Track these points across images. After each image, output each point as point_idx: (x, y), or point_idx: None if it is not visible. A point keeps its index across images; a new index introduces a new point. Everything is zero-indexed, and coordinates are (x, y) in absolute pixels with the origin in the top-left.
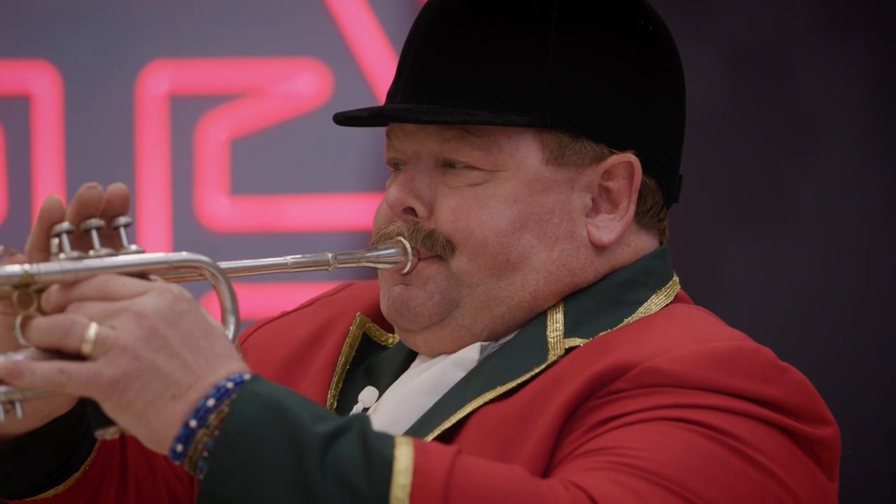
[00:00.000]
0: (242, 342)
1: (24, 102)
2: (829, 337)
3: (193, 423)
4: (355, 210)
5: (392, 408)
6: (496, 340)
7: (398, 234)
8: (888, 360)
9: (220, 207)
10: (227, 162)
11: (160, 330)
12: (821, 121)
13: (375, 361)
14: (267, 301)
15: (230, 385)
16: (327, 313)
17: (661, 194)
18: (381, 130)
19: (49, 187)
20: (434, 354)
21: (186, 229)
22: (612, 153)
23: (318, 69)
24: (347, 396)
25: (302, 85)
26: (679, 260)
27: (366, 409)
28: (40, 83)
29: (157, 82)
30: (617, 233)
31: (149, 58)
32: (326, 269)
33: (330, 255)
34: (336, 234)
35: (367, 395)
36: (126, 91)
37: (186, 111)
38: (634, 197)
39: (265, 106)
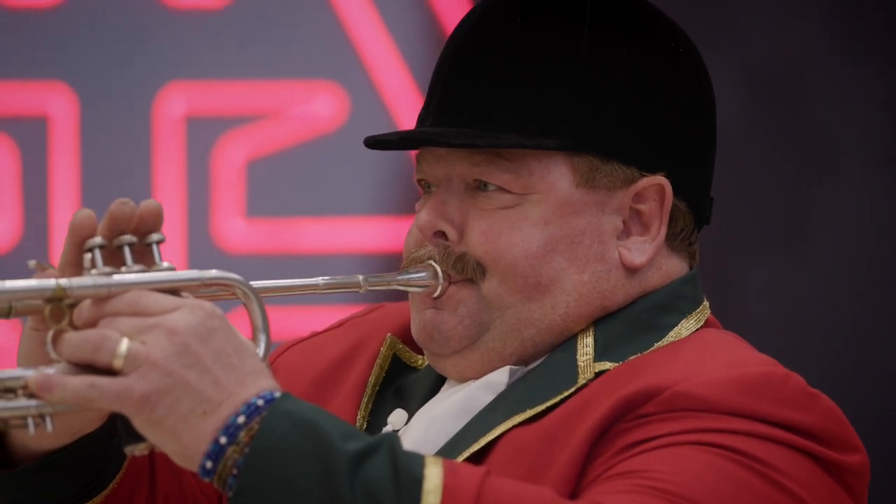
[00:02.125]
0: (272, 362)
1: (41, 123)
2: (853, 358)
3: (223, 440)
4: (372, 233)
5: (421, 431)
6: (525, 365)
7: (429, 258)
8: None
9: (237, 229)
10: (243, 184)
11: (192, 346)
12: (840, 142)
13: (405, 383)
14: (292, 323)
15: (261, 402)
16: (357, 334)
17: (692, 216)
18: (400, 154)
19: (65, 209)
20: (463, 379)
21: (202, 251)
22: (643, 175)
23: (336, 92)
24: (377, 418)
25: (319, 107)
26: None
27: (395, 432)
28: (57, 104)
29: (174, 104)
30: (648, 255)
31: (166, 79)
32: (357, 291)
33: (361, 278)
34: (352, 257)
35: (396, 417)
36: (143, 112)
37: (203, 133)
38: (665, 219)
39: (282, 128)
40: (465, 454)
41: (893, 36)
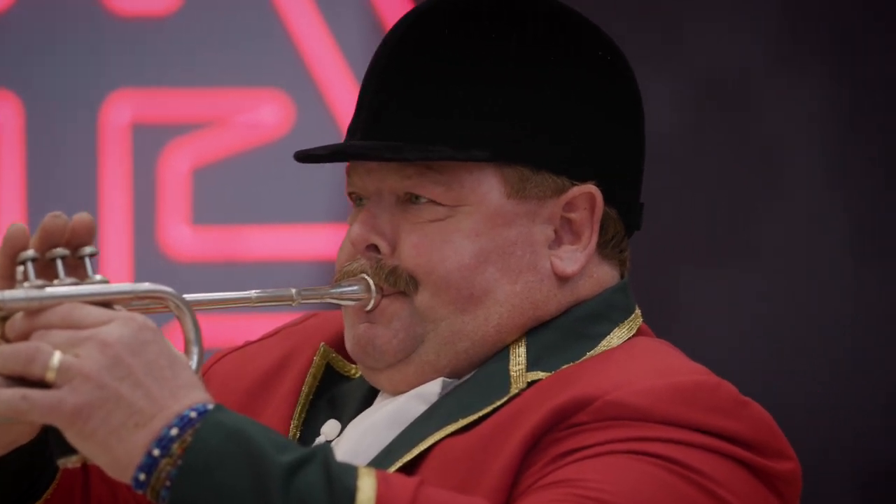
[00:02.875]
0: (206, 371)
1: None
2: (790, 370)
3: (156, 452)
4: (319, 240)
5: (353, 441)
6: (459, 377)
7: (361, 272)
8: (850, 391)
9: (183, 237)
10: (189, 191)
11: (124, 359)
12: (783, 155)
13: (339, 393)
14: (229, 332)
15: (193, 415)
16: (291, 343)
17: (623, 223)
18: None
19: (11, 216)
20: (397, 393)
21: (149, 258)
22: (574, 185)
23: (281, 100)
24: (310, 427)
25: (265, 115)
26: (642, 292)
27: (328, 442)
28: (2, 112)
29: (120, 111)
30: (580, 263)
31: (112, 87)
32: (290, 305)
33: (294, 291)
34: (299, 265)
35: (330, 427)
36: (89, 120)
37: (149, 140)
38: (596, 227)
39: (228, 136)
40: (398, 464)
41: (836, 47)
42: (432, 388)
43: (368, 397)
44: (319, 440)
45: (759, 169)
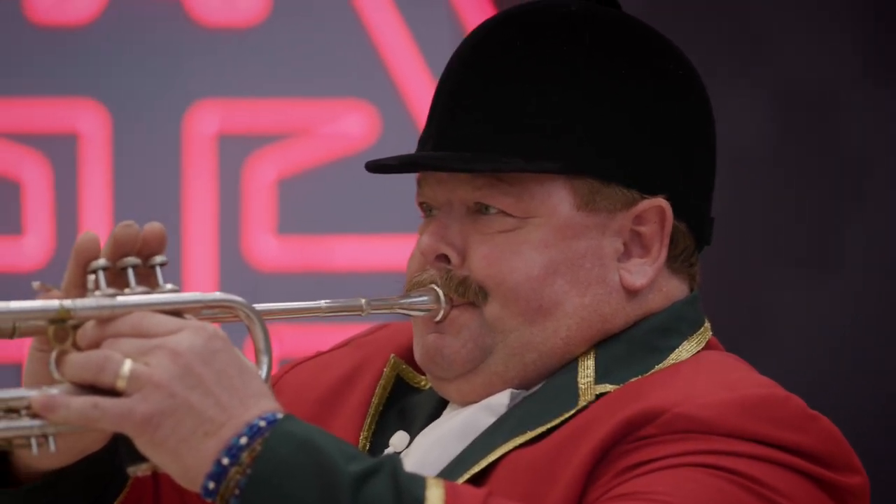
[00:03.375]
0: (276, 382)
1: (72, 140)
2: (873, 379)
3: (226, 461)
4: (403, 251)
5: (422, 453)
6: (527, 388)
7: (431, 282)
8: None
9: (268, 247)
10: (274, 201)
11: (194, 368)
12: (870, 165)
13: (409, 404)
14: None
15: (263, 424)
16: (361, 354)
17: (693, 237)
18: None
19: (96, 226)
20: (466, 403)
21: (233, 268)
22: (644, 198)
23: (366, 110)
24: (380, 439)
25: (349, 125)
26: (726, 302)
27: (397, 454)
28: (88, 121)
29: (206, 121)
30: (649, 277)
31: (197, 97)
32: (359, 315)
33: (363, 301)
34: (383, 275)
35: (398, 439)
36: (174, 130)
37: (234, 150)
38: (666, 241)
39: (313, 146)
40: (466, 476)
41: None
42: (501, 400)
43: (438, 409)
44: (388, 452)
45: (843, 179)
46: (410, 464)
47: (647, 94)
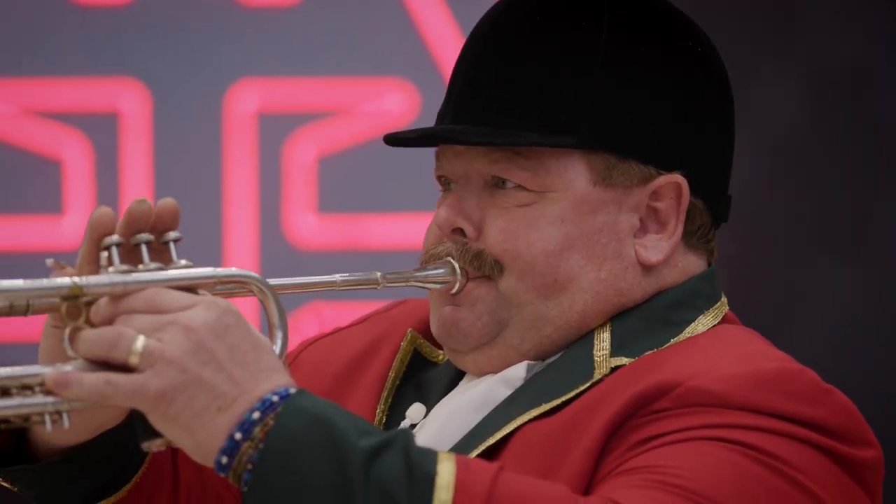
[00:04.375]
0: (294, 358)
1: (113, 119)
2: None
3: (238, 436)
4: None
5: (438, 424)
6: (543, 360)
7: (447, 255)
8: None
9: (308, 225)
10: (314, 180)
11: (207, 343)
12: None
13: (425, 378)
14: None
15: (276, 398)
16: (380, 329)
17: (710, 215)
18: None
19: None
20: (482, 374)
21: (273, 247)
22: (660, 174)
23: (406, 88)
24: (397, 412)
25: (390, 104)
26: (765, 284)
27: (413, 426)
28: (129, 100)
29: (246, 100)
30: (665, 253)
31: (237, 76)
32: (375, 288)
33: (379, 275)
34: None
35: (415, 411)
36: (214, 109)
37: (274, 129)
38: (682, 217)
39: (353, 125)
40: (481, 448)
41: None
42: (517, 373)
43: (454, 382)
44: (404, 424)
45: (878, 158)
46: (427, 435)
47: (666, 70)
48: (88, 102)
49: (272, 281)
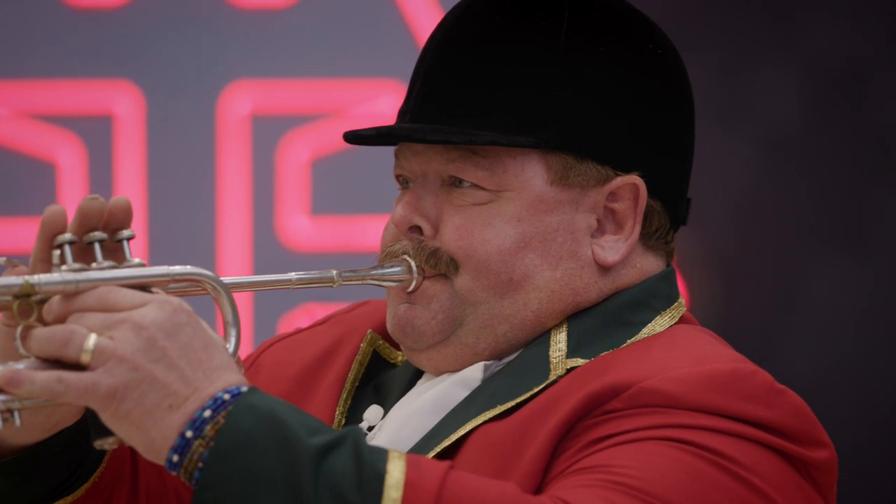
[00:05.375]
0: (256, 358)
1: (107, 122)
2: None
3: (189, 434)
4: None
5: (395, 426)
6: (500, 359)
7: (404, 253)
8: None
9: (301, 227)
10: (308, 182)
11: (158, 341)
12: None
13: (384, 379)
14: None
15: (227, 397)
16: (340, 330)
17: (668, 217)
18: None
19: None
20: (438, 373)
21: (267, 249)
22: (618, 175)
23: (400, 90)
24: (356, 413)
25: (383, 106)
26: (762, 280)
27: (371, 428)
28: (123, 102)
29: (239, 102)
30: (622, 253)
31: (231, 78)
32: (331, 287)
33: (335, 273)
34: None
35: (372, 413)
36: (208, 111)
37: (268, 131)
38: (640, 218)
39: (346, 126)
40: (437, 450)
41: None
42: (474, 374)
43: (412, 383)
44: (362, 426)
45: (874, 159)
46: (384, 437)
47: (625, 71)
48: (82, 105)
49: (226, 279)
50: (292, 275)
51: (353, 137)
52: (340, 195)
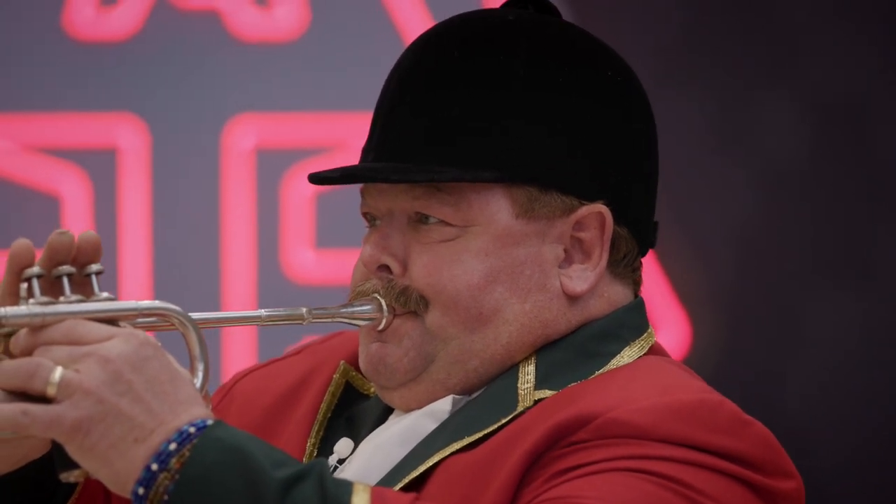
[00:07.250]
0: (229, 390)
1: (111, 155)
2: None
3: (155, 467)
4: None
5: (365, 459)
6: (470, 394)
7: (374, 291)
8: None
9: (306, 261)
10: (312, 215)
11: (124, 374)
12: None
13: (356, 411)
14: None
15: (192, 430)
16: (313, 361)
17: (636, 242)
18: None
19: (136, 239)
20: (409, 410)
21: (271, 282)
22: (583, 204)
23: None
24: (328, 445)
25: None
26: (765, 310)
27: (341, 461)
28: (127, 136)
29: (244, 136)
30: (590, 282)
31: (235, 111)
32: (301, 324)
33: (304, 310)
34: None
35: (342, 446)
36: (212, 144)
37: (272, 165)
38: (607, 246)
39: (351, 160)
40: (404, 482)
41: None
42: (443, 406)
43: (384, 415)
44: (332, 458)
45: (877, 189)
46: (353, 470)
47: (584, 101)
48: (87, 138)
49: (195, 315)
50: (262, 312)
51: (319, 179)
52: (345, 229)
